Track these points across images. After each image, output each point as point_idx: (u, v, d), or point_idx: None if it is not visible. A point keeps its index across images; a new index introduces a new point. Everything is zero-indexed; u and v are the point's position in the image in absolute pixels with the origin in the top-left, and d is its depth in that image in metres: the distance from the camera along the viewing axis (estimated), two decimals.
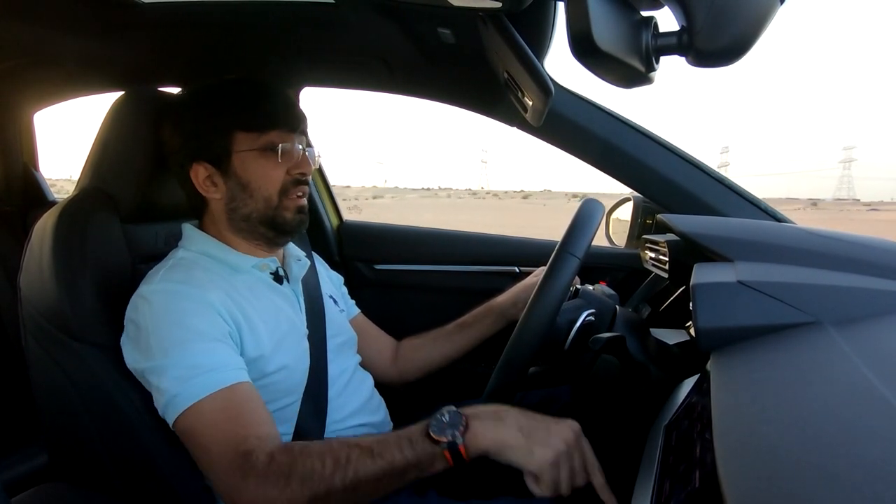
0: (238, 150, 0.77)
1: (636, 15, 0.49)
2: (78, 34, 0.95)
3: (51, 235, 0.75)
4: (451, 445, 0.59)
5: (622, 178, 1.08)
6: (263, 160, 0.77)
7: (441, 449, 0.59)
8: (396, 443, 0.60)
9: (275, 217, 0.79)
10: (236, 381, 0.67)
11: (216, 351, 0.68)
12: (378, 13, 0.82)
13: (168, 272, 0.74)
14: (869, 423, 0.35)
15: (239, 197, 0.78)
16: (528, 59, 0.68)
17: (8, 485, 1.11)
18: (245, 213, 0.79)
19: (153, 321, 0.68)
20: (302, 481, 0.58)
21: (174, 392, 0.64)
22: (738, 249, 0.68)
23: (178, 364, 0.65)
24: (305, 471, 0.59)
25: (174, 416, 0.65)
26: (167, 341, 0.66)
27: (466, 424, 0.60)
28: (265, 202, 0.78)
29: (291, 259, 0.87)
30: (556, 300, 0.71)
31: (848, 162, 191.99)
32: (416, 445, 0.60)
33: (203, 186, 0.79)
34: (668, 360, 0.76)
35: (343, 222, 1.51)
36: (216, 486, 0.64)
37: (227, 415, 0.64)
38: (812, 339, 0.52)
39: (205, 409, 0.64)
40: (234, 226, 0.81)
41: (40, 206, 1.53)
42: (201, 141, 0.78)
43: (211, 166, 0.78)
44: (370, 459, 0.59)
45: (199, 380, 0.65)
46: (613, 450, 0.79)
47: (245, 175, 0.77)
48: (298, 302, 0.85)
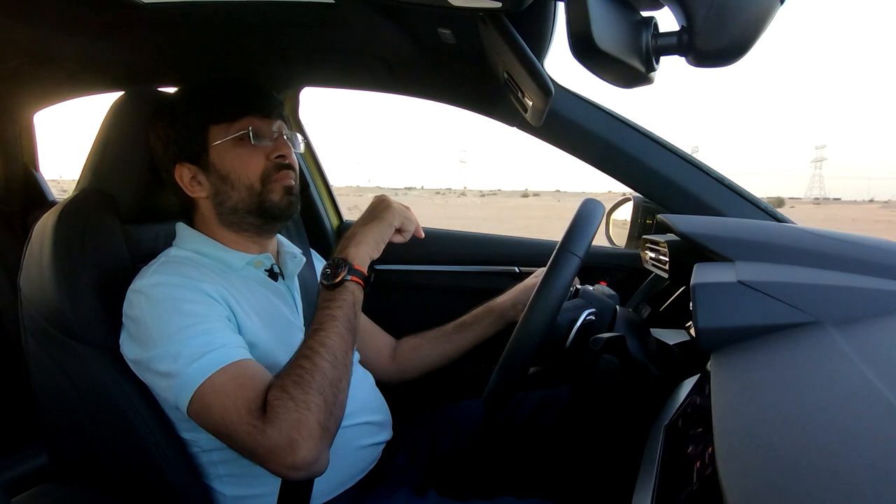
0: (213, 144, 0.78)
1: (636, 15, 0.49)
2: (78, 34, 0.95)
3: (51, 236, 0.75)
4: (350, 272, 0.72)
5: (622, 178, 1.07)
6: (239, 149, 0.78)
7: (348, 280, 0.72)
8: (324, 311, 0.70)
9: (261, 203, 0.79)
10: (242, 357, 0.68)
11: (219, 330, 0.68)
12: (378, 13, 0.82)
13: (161, 267, 0.74)
14: (869, 423, 0.35)
15: (222, 190, 0.79)
16: (528, 59, 0.68)
17: (8, 485, 1.11)
18: (231, 206, 0.79)
19: (151, 312, 0.68)
20: (302, 389, 0.62)
21: (187, 371, 0.65)
22: (738, 249, 0.68)
23: (186, 345, 0.65)
24: (295, 381, 0.63)
25: (189, 395, 0.64)
26: (170, 328, 0.66)
27: (346, 258, 0.73)
28: (248, 190, 0.78)
29: (286, 255, 0.87)
30: (556, 299, 0.70)
31: (819, 161, 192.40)
32: (334, 298, 0.71)
33: (189, 187, 0.79)
34: (668, 360, 0.76)
35: (343, 222, 1.51)
36: (245, 453, 0.63)
37: (238, 383, 0.65)
38: (812, 339, 0.52)
39: (216, 383, 0.64)
40: (223, 220, 0.81)
41: (40, 206, 1.53)
42: (179, 142, 0.78)
43: (192, 165, 0.79)
44: (323, 332, 0.67)
45: (208, 356, 0.65)
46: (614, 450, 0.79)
47: (223, 167, 0.78)
48: (294, 298, 0.85)
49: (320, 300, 0.72)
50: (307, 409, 0.61)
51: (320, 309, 0.71)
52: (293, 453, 0.59)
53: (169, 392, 0.66)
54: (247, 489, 0.75)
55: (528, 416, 0.98)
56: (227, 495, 0.75)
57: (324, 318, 0.69)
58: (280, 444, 0.60)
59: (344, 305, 0.70)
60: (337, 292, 0.71)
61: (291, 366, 0.65)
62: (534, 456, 0.94)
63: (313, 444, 0.60)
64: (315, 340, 0.67)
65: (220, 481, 0.76)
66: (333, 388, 0.64)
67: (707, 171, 1.03)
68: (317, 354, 0.65)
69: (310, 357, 0.65)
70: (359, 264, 0.73)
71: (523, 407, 0.99)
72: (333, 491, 0.78)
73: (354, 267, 0.72)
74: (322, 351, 0.65)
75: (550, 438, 0.93)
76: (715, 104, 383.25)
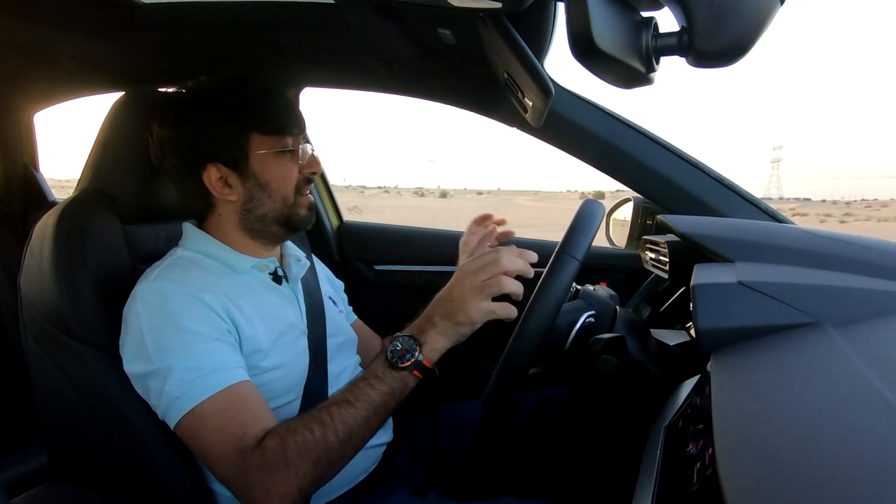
0: (256, 152, 0.78)
1: (636, 15, 0.49)
2: (78, 34, 0.95)
3: (51, 236, 0.75)
4: (416, 365, 0.66)
5: (622, 179, 1.07)
6: (281, 161, 0.79)
7: (409, 371, 0.66)
8: (367, 384, 0.66)
9: (290, 215, 0.81)
10: (236, 380, 0.67)
11: (215, 351, 0.68)
12: (378, 13, 0.82)
13: (165, 270, 0.74)
14: (869, 423, 0.35)
15: (257, 197, 0.79)
16: (528, 60, 0.68)
17: (8, 485, 1.11)
18: (261, 213, 0.80)
19: (148, 323, 0.68)
20: (299, 454, 0.61)
21: (175, 395, 0.65)
22: (738, 250, 0.68)
23: (178, 367, 0.65)
24: (298, 444, 0.62)
25: (175, 419, 0.65)
26: (165, 345, 0.66)
27: (419, 343, 0.67)
28: (283, 201, 0.80)
29: (291, 259, 0.87)
30: (555, 303, 0.70)
31: (777, 161, 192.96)
32: (385, 379, 0.66)
33: (216, 187, 0.78)
34: (668, 360, 0.76)
35: (343, 223, 1.51)
36: (224, 484, 0.65)
37: (226, 416, 0.65)
38: (812, 339, 0.52)
39: (205, 412, 0.65)
40: (245, 226, 0.81)
41: (40, 206, 1.53)
42: (215, 142, 0.77)
43: (226, 167, 0.78)
44: (351, 408, 0.64)
45: (199, 382, 0.65)
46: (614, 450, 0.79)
47: (265, 176, 0.79)
48: (298, 301, 0.85)
49: (372, 367, 0.68)
50: (295, 474, 0.61)
51: (364, 379, 0.67)
52: (267, 501, 0.61)
53: (158, 409, 0.68)
54: None
55: (528, 416, 0.98)
56: (226, 496, 0.75)
57: (361, 394, 0.65)
58: (256, 491, 0.61)
59: (390, 392, 0.66)
60: (391, 374, 0.66)
61: (303, 423, 0.64)
62: (534, 456, 0.94)
63: (289, 502, 0.61)
64: (339, 412, 0.64)
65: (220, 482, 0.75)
66: (331, 466, 0.64)
67: (707, 172, 1.03)
68: (331, 429, 0.63)
69: (324, 427, 0.63)
70: (429, 360, 0.67)
71: (523, 408, 0.99)
72: (333, 492, 0.78)
73: (423, 363, 0.67)
74: (340, 428, 0.63)
75: (550, 439, 0.93)
76: (671, 106, 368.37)
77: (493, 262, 0.68)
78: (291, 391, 0.77)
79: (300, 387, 0.78)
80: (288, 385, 0.77)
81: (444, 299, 0.69)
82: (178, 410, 0.65)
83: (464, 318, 0.67)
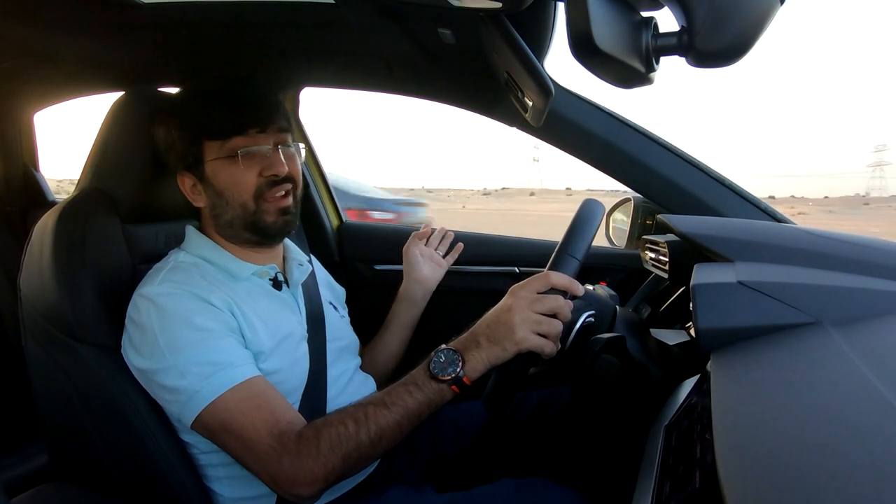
0: (208, 160, 0.77)
1: (636, 15, 0.49)
2: (78, 34, 0.95)
3: (51, 236, 0.75)
4: (455, 380, 0.66)
5: (622, 179, 1.07)
6: (232, 167, 0.76)
7: (448, 385, 0.67)
8: (405, 390, 0.67)
9: (255, 222, 0.78)
10: (253, 374, 0.69)
11: (230, 347, 0.69)
12: (378, 13, 0.82)
13: (169, 274, 0.74)
14: (869, 423, 0.35)
15: (218, 204, 0.79)
16: (528, 59, 0.68)
17: (8, 485, 1.11)
18: (227, 220, 0.79)
19: (160, 323, 0.68)
20: (332, 447, 0.63)
21: (196, 388, 0.65)
22: (738, 250, 0.68)
23: (196, 362, 0.66)
24: (332, 437, 0.64)
25: (197, 411, 0.66)
26: (179, 342, 0.67)
27: (463, 359, 0.67)
28: (242, 208, 0.77)
29: (293, 263, 0.87)
30: None
31: (878, 165, 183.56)
32: (424, 388, 0.67)
33: (191, 195, 0.80)
34: (668, 360, 0.76)
35: (343, 223, 1.51)
36: (253, 470, 0.66)
37: (254, 403, 0.66)
38: (812, 339, 0.52)
39: (229, 402, 0.66)
40: (221, 232, 0.81)
41: (40, 206, 1.53)
42: (178, 151, 0.78)
43: (192, 175, 0.78)
44: (386, 410, 0.66)
45: (220, 374, 0.66)
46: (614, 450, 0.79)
47: (218, 183, 0.77)
48: (298, 306, 0.85)
49: (412, 374, 0.69)
50: (324, 465, 0.63)
51: (403, 384, 0.68)
52: (293, 488, 0.63)
53: (173, 405, 0.68)
54: (246, 491, 0.75)
55: (529, 416, 0.98)
56: (227, 497, 0.75)
57: (398, 398, 0.67)
58: (287, 476, 0.63)
59: (426, 402, 0.67)
60: (430, 385, 0.67)
61: (339, 418, 0.66)
62: (534, 456, 0.94)
63: (313, 490, 0.64)
64: (374, 413, 0.66)
65: (220, 483, 0.76)
66: (358, 463, 0.66)
67: (707, 171, 1.03)
68: (364, 428, 0.65)
69: (358, 424, 0.65)
70: (469, 378, 0.67)
71: (523, 407, 0.99)
72: (334, 492, 0.78)
73: (463, 379, 0.67)
74: (373, 428, 0.65)
75: (550, 439, 0.93)
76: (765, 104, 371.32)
77: (557, 305, 0.67)
78: (291, 395, 0.77)
79: (300, 391, 0.78)
80: (287, 389, 0.77)
81: (494, 321, 0.68)
82: (199, 403, 0.65)
83: (510, 346, 0.66)
